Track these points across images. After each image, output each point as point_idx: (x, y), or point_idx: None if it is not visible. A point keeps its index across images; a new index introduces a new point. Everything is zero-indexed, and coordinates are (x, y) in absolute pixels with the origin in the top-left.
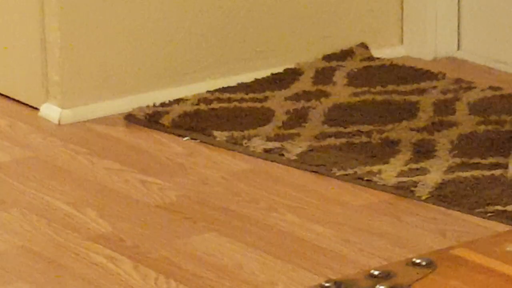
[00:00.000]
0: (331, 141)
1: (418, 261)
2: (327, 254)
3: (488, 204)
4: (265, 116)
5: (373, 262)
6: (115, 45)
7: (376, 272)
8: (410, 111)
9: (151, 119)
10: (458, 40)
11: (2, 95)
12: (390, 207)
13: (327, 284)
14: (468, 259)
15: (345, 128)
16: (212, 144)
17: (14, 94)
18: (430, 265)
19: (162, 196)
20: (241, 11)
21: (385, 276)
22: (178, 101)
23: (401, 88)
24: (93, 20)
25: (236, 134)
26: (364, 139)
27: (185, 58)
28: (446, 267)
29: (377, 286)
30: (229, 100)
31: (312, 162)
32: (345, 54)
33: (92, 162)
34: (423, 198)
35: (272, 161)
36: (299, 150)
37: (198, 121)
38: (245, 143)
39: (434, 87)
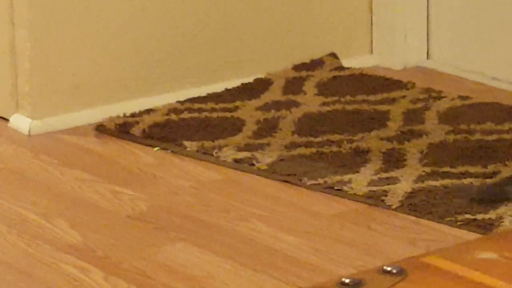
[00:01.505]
0: (301, 150)
1: (389, 269)
2: (297, 264)
3: (457, 213)
4: (236, 126)
5: (344, 271)
6: (85, 56)
7: (347, 280)
8: (380, 120)
9: (122, 130)
10: (428, 50)
11: None
12: (360, 216)
13: None
14: (438, 266)
15: (315, 137)
16: (183, 154)
17: None
18: (401, 272)
19: (132, 206)
20: (210, 22)
21: (356, 284)
22: (148, 111)
23: (371, 97)
24: (63, 31)
25: (206, 144)
26: (334, 148)
27: (155, 69)
28: (417, 274)
29: None
30: (199, 110)
31: (283, 171)
32: (315, 64)
33: (62, 173)
34: (394, 207)
35: (242, 171)
36: (269, 160)
37: (169, 131)
38: (216, 153)
39: (403, 96)
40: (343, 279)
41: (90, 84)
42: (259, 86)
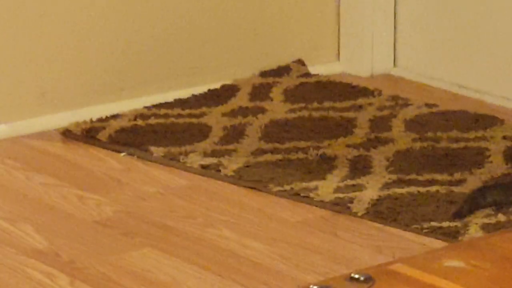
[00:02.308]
0: (268, 157)
1: (356, 276)
2: (263, 270)
3: (423, 221)
4: (202, 132)
5: (310, 278)
6: (52, 61)
7: (315, 287)
8: (347, 127)
9: (88, 135)
10: (394, 57)
11: None
12: (326, 223)
13: None
14: (406, 274)
15: (281, 144)
16: (149, 160)
17: None
18: (368, 280)
19: (99, 212)
20: (177, 27)
21: None
22: (115, 116)
23: (338, 104)
24: (29, 35)
25: (173, 149)
26: (300, 155)
27: (122, 74)
28: (385, 282)
29: None
30: (166, 116)
31: (249, 178)
32: (282, 71)
33: (28, 178)
34: (360, 214)
35: (209, 177)
36: (236, 166)
37: (135, 136)
38: (182, 159)
39: (370, 104)
40: (311, 286)
41: (56, 89)
42: (226, 92)
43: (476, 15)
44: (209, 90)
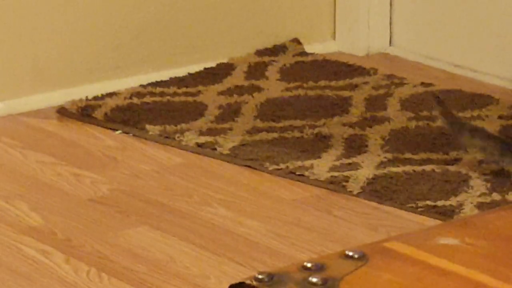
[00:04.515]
0: (264, 135)
1: (350, 253)
2: (259, 248)
3: (418, 199)
4: (198, 111)
5: (305, 256)
6: (47, 38)
7: (309, 264)
8: (342, 106)
9: (84, 113)
10: (390, 36)
11: None
12: (322, 201)
13: (260, 276)
14: (400, 252)
15: (277, 123)
16: (145, 138)
17: None
18: (362, 257)
19: (94, 190)
20: (174, 5)
21: (318, 268)
22: (110, 94)
23: (334, 83)
24: (25, 12)
25: (168, 128)
26: (296, 134)
27: (118, 52)
28: (379, 259)
29: (310, 278)
30: (162, 94)
31: (245, 156)
32: (278, 49)
33: (24, 155)
34: (355, 193)
35: (204, 155)
36: (231, 145)
37: (131, 115)
38: (178, 137)
39: (366, 83)
40: (305, 264)
41: (52, 67)
42: (222, 70)
43: None
44: (205, 68)
